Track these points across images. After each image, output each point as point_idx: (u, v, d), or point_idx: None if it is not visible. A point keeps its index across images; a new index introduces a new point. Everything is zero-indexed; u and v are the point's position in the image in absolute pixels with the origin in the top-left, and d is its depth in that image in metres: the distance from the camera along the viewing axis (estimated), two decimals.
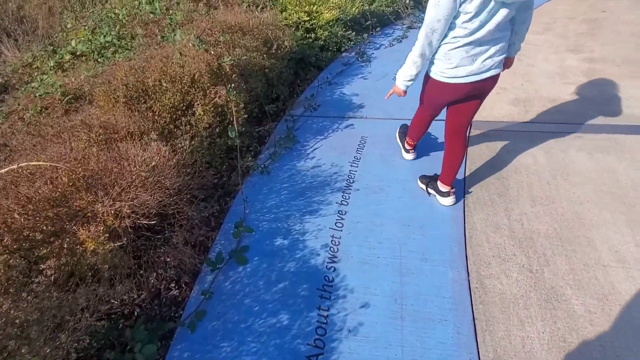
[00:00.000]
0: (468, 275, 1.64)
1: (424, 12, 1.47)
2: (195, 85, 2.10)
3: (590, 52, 3.58)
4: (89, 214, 1.31)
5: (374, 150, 2.47)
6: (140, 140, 1.72)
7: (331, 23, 3.85)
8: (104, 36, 3.57)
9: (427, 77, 1.65)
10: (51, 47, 4.28)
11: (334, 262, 1.75)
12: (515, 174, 2.18)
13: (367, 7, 4.31)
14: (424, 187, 2.08)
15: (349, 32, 3.94)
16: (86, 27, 4.13)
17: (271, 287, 1.65)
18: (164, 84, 2.06)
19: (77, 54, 3.51)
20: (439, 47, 1.46)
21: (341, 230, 1.90)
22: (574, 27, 4.23)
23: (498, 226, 1.87)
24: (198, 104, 2.06)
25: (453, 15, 1.32)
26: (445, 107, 1.76)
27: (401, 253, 1.76)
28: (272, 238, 1.89)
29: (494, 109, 2.80)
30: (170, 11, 3.62)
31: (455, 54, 1.43)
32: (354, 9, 4.15)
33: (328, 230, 1.90)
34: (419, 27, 1.61)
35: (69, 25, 4.60)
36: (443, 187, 1.95)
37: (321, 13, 3.86)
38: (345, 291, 1.61)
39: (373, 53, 3.94)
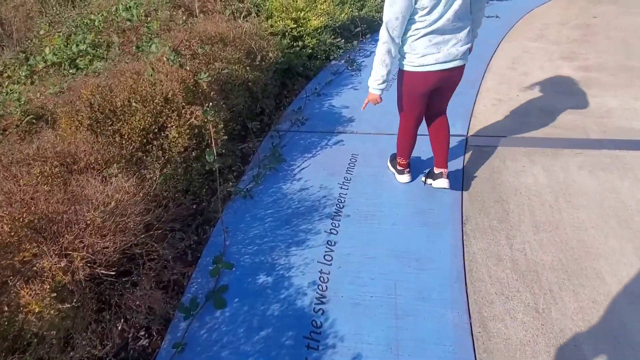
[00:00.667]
0: (469, 318, 1.49)
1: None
2: (169, 105, 1.91)
3: (584, 60, 3.48)
4: (35, 269, 1.12)
5: (366, 169, 2.31)
6: (102, 172, 1.53)
7: (319, 30, 3.68)
8: (77, 45, 3.34)
9: (400, 74, 1.70)
10: (23, 55, 4.02)
11: (322, 302, 1.58)
12: (515, 196, 2.04)
13: (357, 13, 4.15)
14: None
15: (338, 40, 3.78)
16: (60, 34, 3.89)
17: (252, 336, 1.47)
18: (134, 104, 1.86)
19: (49, 63, 3.28)
20: (404, 41, 1.55)
21: (330, 265, 1.73)
22: (567, 33, 4.14)
23: (500, 257, 1.72)
24: (172, 126, 1.87)
25: (410, 12, 1.41)
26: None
27: (396, 291, 1.60)
28: (254, 275, 1.71)
29: (489, 122, 2.67)
30: (149, 18, 3.41)
31: (419, 43, 1.50)
32: (342, 15, 3.99)
33: (316, 265, 1.73)
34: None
35: (41, 32, 4.35)
36: (437, 169, 1.97)
37: (309, 20, 3.69)
38: (335, 339, 1.44)
39: (363, 61, 3.78)
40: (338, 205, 2.05)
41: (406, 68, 1.62)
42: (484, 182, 2.15)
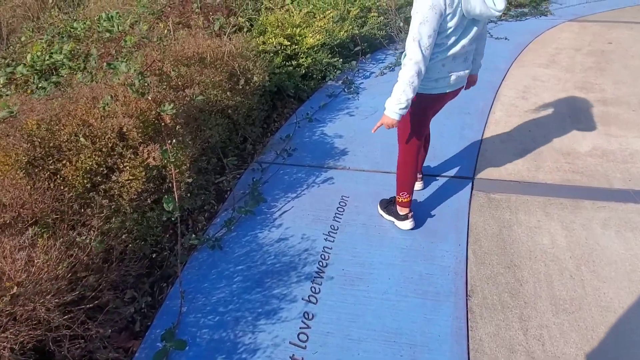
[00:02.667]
0: None
1: None
2: (124, 142, 1.61)
3: (601, 92, 3.18)
4: None
5: (356, 216, 2.00)
6: (24, 233, 1.22)
7: (315, 49, 3.39)
8: (50, 56, 3.06)
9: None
10: (4, 60, 3.74)
11: None
12: (529, 261, 1.72)
13: (357, 31, 3.87)
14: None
15: (335, 59, 3.48)
16: (42, 41, 3.62)
17: None
18: (82, 140, 1.56)
19: (18, 76, 2.99)
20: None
21: (304, 348, 1.40)
22: (581, 59, 3.85)
23: (512, 347, 1.39)
24: (125, 167, 1.56)
25: (438, 31, 1.34)
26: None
27: None
28: (211, 358, 1.39)
29: (499, 163, 2.36)
30: (134, 29, 3.13)
31: (434, 67, 1.45)
32: (342, 32, 3.70)
33: (287, 347, 1.41)
34: (401, 58, 1.50)
35: (22, 38, 4.08)
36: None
37: (305, 37, 3.40)
38: None
39: (362, 83, 3.49)
40: (321, 264, 1.73)
41: (421, 91, 1.51)
42: (493, 239, 1.84)
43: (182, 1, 3.48)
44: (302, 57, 3.27)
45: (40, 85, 2.85)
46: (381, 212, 1.97)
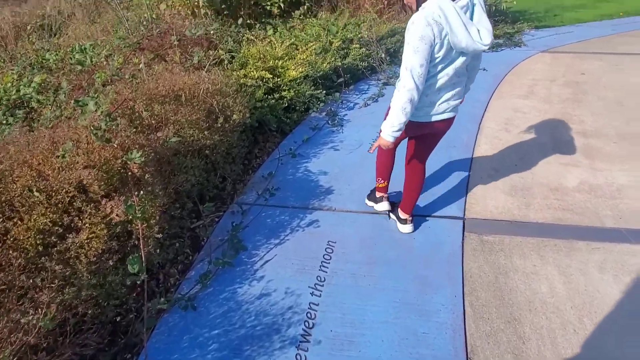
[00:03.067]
0: None
1: (399, 67, 1.45)
2: (84, 196, 1.43)
3: (580, 124, 3.23)
4: None
5: (345, 265, 1.85)
6: None
7: (298, 81, 3.33)
8: (18, 90, 2.88)
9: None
10: None
11: None
12: (530, 313, 1.61)
13: (340, 63, 3.85)
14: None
15: (318, 91, 3.43)
16: (14, 72, 3.42)
17: None
18: (36, 194, 1.38)
19: None
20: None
21: None
22: (557, 90, 3.94)
23: None
24: (85, 225, 1.38)
25: (429, 60, 1.38)
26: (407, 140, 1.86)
27: None
28: None
29: (488, 200, 2.29)
30: (110, 61, 2.99)
31: (421, 97, 1.49)
32: (325, 64, 3.67)
33: None
34: (396, 83, 1.51)
35: None
36: (402, 214, 1.98)
37: (287, 69, 3.35)
38: None
39: (346, 114, 3.43)
40: (307, 324, 1.56)
41: None
42: (490, 288, 1.72)
43: (160, 33, 3.38)
44: (285, 90, 3.19)
45: (6, 121, 2.65)
46: (366, 201, 2.20)
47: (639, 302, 1.64)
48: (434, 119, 1.58)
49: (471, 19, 1.36)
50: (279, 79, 3.23)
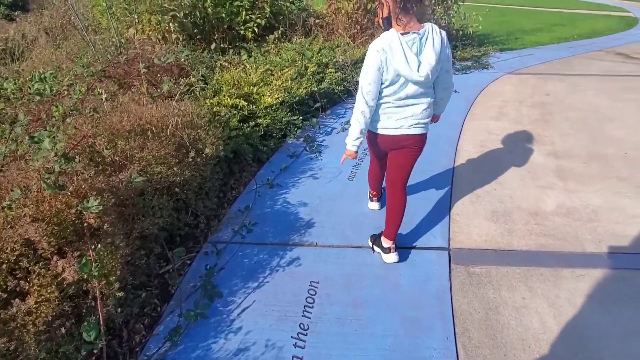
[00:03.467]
0: None
1: None
2: (34, 253, 1.25)
3: (551, 145, 3.31)
4: None
5: (329, 308, 1.73)
6: None
7: (274, 107, 3.25)
8: None
9: (367, 132, 1.81)
10: None
11: None
12: (524, 353, 1.53)
13: (316, 87, 3.82)
14: (370, 244, 2.08)
15: (295, 117, 3.36)
16: None
17: None
18: None
19: None
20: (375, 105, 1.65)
21: None
22: (526, 112, 4.07)
23: None
24: (32, 288, 1.20)
25: (380, 80, 1.54)
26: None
27: None
28: None
29: (471, 228, 2.25)
30: (72, 89, 2.80)
31: (379, 111, 1.66)
32: (300, 89, 3.63)
33: None
34: None
35: None
36: (385, 243, 1.96)
37: (262, 95, 3.27)
38: None
39: (324, 140, 3.37)
40: None
41: (371, 129, 1.77)
42: (481, 326, 1.64)
43: (127, 60, 3.23)
44: (261, 117, 3.10)
45: None
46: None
47: (629, 329, 1.61)
48: (395, 132, 1.69)
49: (419, 52, 1.49)
50: (254, 106, 3.14)
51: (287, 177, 2.78)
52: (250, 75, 3.43)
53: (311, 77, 3.99)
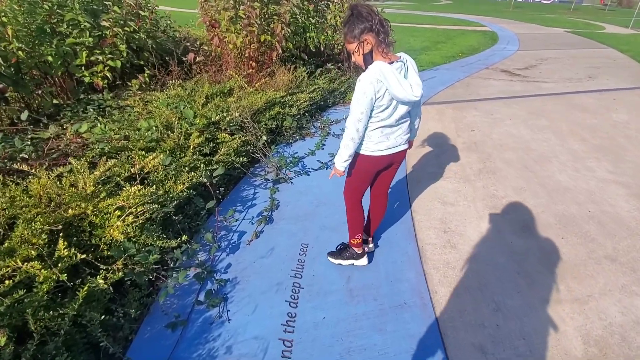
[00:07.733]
0: None
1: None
2: None
3: (515, 211, 2.63)
4: None
5: None
6: None
7: (133, 236, 1.82)
8: None
9: (355, 156, 1.79)
10: None
11: None
12: None
13: (207, 173, 2.47)
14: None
15: (172, 242, 1.97)
16: None
17: None
18: None
19: None
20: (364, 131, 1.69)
21: None
22: (465, 159, 3.42)
23: None
24: None
25: (371, 109, 1.59)
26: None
27: None
28: None
29: (454, 309, 1.26)
30: None
31: (374, 134, 1.70)
32: (179, 186, 2.24)
33: None
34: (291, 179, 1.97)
35: None
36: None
37: (108, 220, 1.81)
38: None
39: (228, 269, 2.07)
40: None
41: (362, 152, 1.75)
42: None
43: None
44: (103, 267, 1.64)
45: None
46: (337, 261, 2.08)
47: None
48: (391, 151, 1.74)
49: (405, 77, 1.59)
50: (93, 241, 1.66)
51: None
52: (79, 183, 1.91)
53: (197, 151, 2.63)
